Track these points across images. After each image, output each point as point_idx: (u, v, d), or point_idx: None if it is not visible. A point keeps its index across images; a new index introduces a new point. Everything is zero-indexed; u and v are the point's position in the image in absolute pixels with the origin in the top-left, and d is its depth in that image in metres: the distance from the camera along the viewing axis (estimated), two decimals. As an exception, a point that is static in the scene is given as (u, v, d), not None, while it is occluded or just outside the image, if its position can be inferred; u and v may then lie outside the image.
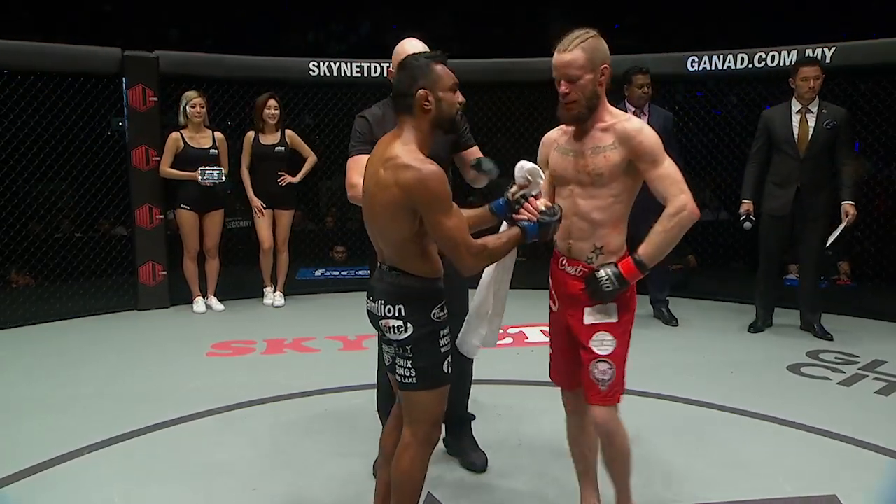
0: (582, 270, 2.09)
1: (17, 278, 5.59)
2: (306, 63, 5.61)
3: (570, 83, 1.99)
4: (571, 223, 2.08)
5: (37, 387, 3.63)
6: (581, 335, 2.09)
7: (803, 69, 4.25)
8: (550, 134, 2.25)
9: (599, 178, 2.04)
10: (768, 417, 3.17)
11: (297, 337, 4.51)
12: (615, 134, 2.03)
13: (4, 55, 4.71)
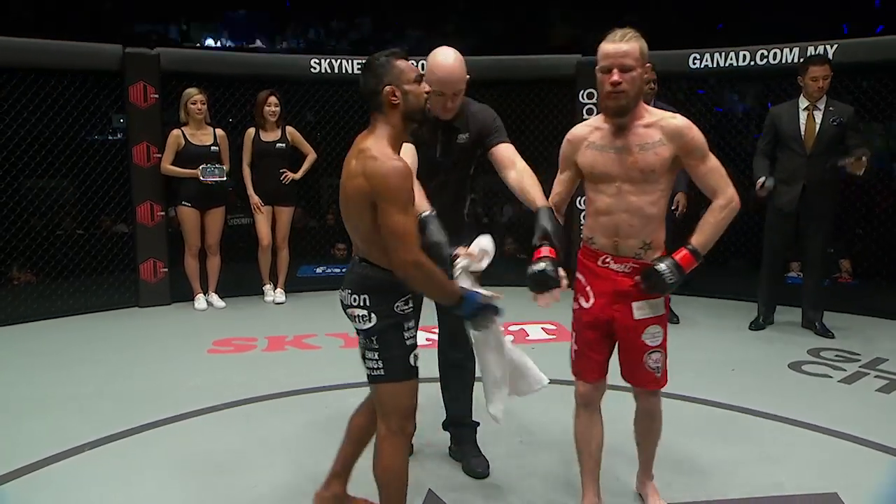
0: (631, 266, 2.14)
1: (19, 275, 5.59)
2: (307, 60, 5.61)
3: (624, 73, 2.03)
4: (620, 220, 2.12)
5: (37, 384, 3.63)
6: (631, 330, 2.17)
7: (813, 68, 4.22)
8: (577, 132, 2.25)
9: (652, 175, 2.09)
10: (769, 415, 3.17)
11: (298, 334, 4.51)
12: (662, 131, 2.09)
13: (6, 52, 4.70)
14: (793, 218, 4.37)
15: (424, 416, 2.99)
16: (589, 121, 2.27)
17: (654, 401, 2.32)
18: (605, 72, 2.06)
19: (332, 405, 3.29)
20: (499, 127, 2.54)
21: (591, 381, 2.28)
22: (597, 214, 2.18)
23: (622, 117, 2.10)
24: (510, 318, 4.71)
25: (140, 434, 3.00)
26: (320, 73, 5.60)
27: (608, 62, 2.05)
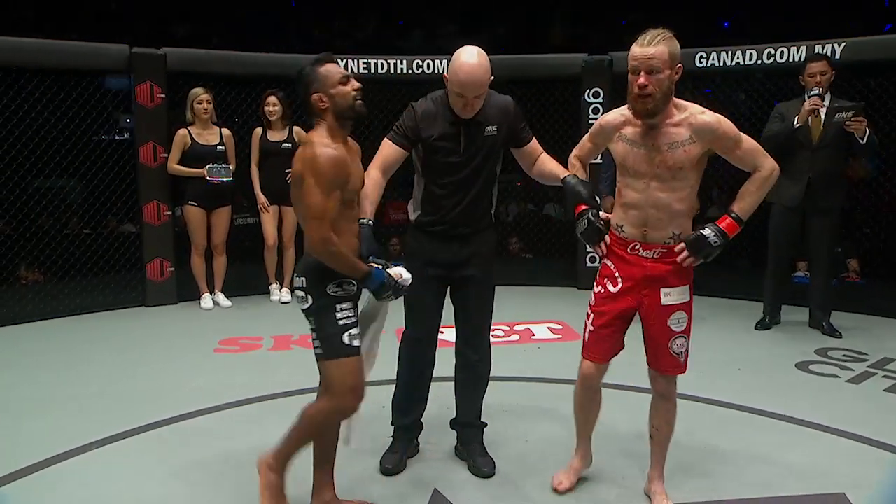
0: (660, 252, 2.22)
1: (27, 274, 5.62)
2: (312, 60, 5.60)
3: (650, 75, 2.09)
4: (648, 214, 2.21)
5: (43, 383, 3.65)
6: (658, 315, 2.25)
7: (810, 65, 4.26)
8: (612, 119, 2.30)
9: (680, 172, 2.17)
10: (777, 415, 3.16)
11: (304, 333, 4.47)
12: (691, 128, 2.16)
13: (13, 53, 4.72)
14: (798, 214, 4.35)
15: (433, 414, 3.00)
16: (621, 109, 2.29)
17: (672, 387, 2.37)
18: (634, 73, 2.12)
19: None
20: (525, 122, 2.56)
21: (599, 363, 2.37)
22: (626, 207, 2.26)
23: (651, 118, 2.15)
24: (517, 318, 4.75)
25: (146, 433, 3.01)
26: (326, 72, 5.59)
27: (635, 64, 2.11)
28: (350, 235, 2.18)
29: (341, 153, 2.08)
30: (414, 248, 2.60)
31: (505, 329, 4.61)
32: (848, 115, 4.04)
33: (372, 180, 2.43)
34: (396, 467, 2.65)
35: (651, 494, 2.46)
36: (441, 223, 2.51)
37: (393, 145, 2.47)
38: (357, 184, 2.19)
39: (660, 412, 2.42)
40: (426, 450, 2.84)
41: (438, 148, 2.45)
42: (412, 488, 2.56)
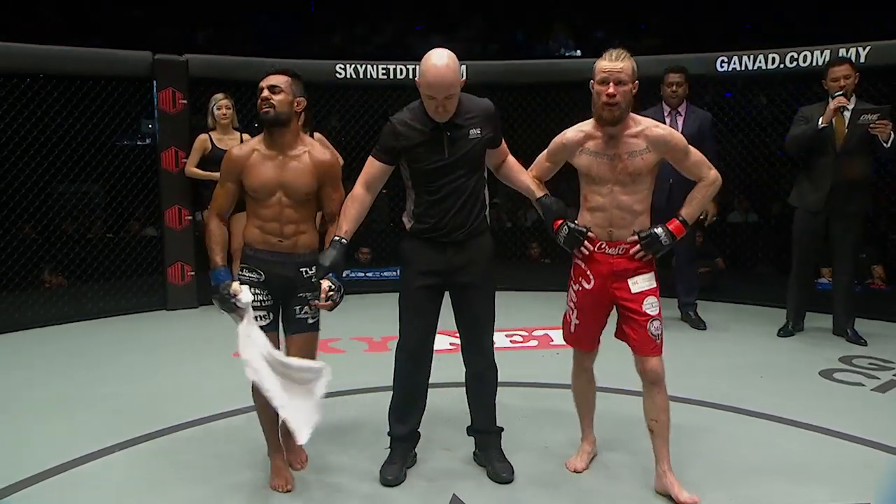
0: (624, 248, 2.49)
1: (50, 278, 5.70)
2: (333, 65, 5.65)
3: (618, 86, 2.37)
4: (613, 215, 2.49)
5: (65, 385, 3.69)
6: (631, 302, 2.48)
7: (833, 69, 4.18)
8: (573, 137, 2.55)
9: (639, 177, 2.46)
10: (801, 423, 3.11)
11: (322, 338, 4.50)
12: (647, 140, 2.45)
13: (38, 60, 4.81)
14: (821, 219, 4.29)
15: (450, 420, 3.00)
16: (580, 126, 2.55)
17: (661, 371, 2.49)
18: (603, 83, 2.39)
19: (357, 408, 3.30)
20: (499, 123, 2.58)
21: (590, 350, 2.69)
22: (592, 210, 2.53)
23: (614, 126, 2.43)
24: (536, 323, 4.73)
25: (165, 437, 3.03)
26: (346, 77, 5.64)
27: (605, 75, 2.38)
28: (251, 227, 2.51)
29: (239, 153, 2.50)
30: (408, 256, 2.57)
31: (524, 334, 4.59)
32: (873, 117, 3.97)
33: (352, 196, 2.51)
34: (397, 478, 2.62)
35: (668, 488, 2.48)
36: (436, 229, 2.49)
37: (375, 162, 2.50)
38: (256, 185, 2.46)
39: (654, 401, 2.51)
40: (445, 455, 2.83)
41: (422, 155, 2.44)
42: (431, 494, 2.55)
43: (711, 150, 4.65)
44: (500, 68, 5.87)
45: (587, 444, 2.77)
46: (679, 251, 4.75)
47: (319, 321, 2.60)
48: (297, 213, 2.50)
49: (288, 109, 2.46)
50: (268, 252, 2.50)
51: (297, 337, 2.56)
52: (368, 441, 2.91)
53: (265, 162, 2.47)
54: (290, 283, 2.52)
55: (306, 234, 2.53)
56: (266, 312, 2.52)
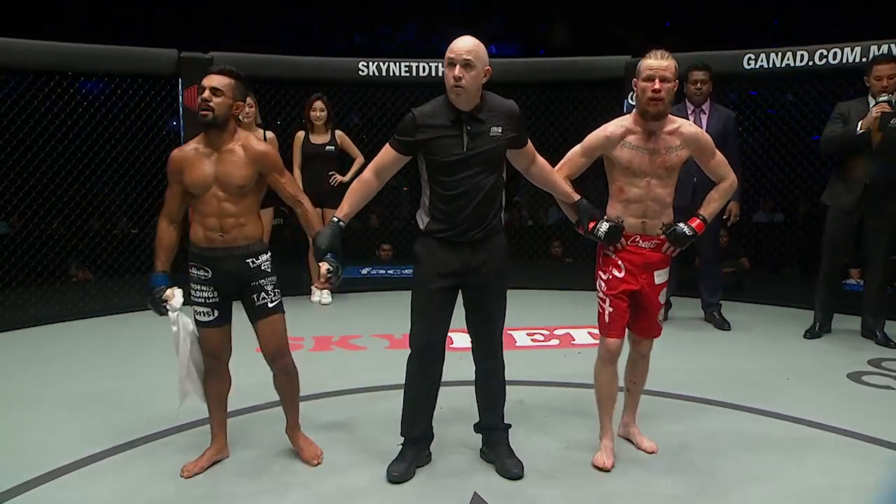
0: (655, 243, 2.68)
1: (78, 273, 5.78)
2: (356, 63, 5.65)
3: (663, 83, 2.53)
4: (647, 206, 2.65)
5: (90, 381, 3.74)
6: (653, 292, 2.73)
7: (877, 67, 4.05)
8: (615, 131, 2.66)
9: (673, 172, 2.65)
10: (828, 427, 3.06)
11: (344, 334, 4.55)
12: (681, 137, 2.63)
13: (64, 57, 4.86)
14: (854, 219, 4.20)
15: (460, 418, 2.99)
16: (619, 121, 2.68)
17: (650, 347, 2.86)
18: (648, 80, 2.54)
19: (378, 405, 3.30)
20: (524, 126, 2.57)
21: (621, 338, 2.74)
22: (628, 202, 2.66)
23: (658, 121, 2.59)
24: (557, 322, 4.70)
25: (185, 432, 3.04)
26: (368, 75, 5.64)
27: (651, 72, 2.54)
28: (195, 225, 2.56)
29: (178, 154, 2.55)
30: (423, 256, 2.54)
31: (545, 333, 4.57)
32: None
33: (360, 179, 2.54)
34: (403, 475, 2.61)
35: (631, 436, 2.91)
36: (451, 228, 2.47)
37: (391, 150, 2.50)
38: (193, 181, 2.50)
39: (638, 369, 2.88)
40: (457, 452, 2.83)
41: (440, 148, 2.42)
42: (451, 492, 2.54)
43: (734, 149, 4.59)
44: (522, 66, 5.85)
45: (608, 439, 2.79)
46: (703, 251, 4.69)
47: (282, 304, 2.68)
48: (235, 206, 2.53)
49: (226, 112, 2.50)
50: (211, 249, 2.55)
51: (263, 322, 2.65)
52: (385, 439, 2.90)
53: (202, 159, 2.53)
54: (238, 275, 2.59)
55: (247, 227, 2.57)
56: (210, 309, 2.61)
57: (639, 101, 2.59)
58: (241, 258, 2.58)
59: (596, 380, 2.80)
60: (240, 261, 2.58)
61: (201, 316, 2.62)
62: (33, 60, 4.75)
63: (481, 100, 2.44)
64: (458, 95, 2.38)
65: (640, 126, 2.61)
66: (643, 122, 2.60)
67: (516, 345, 4.35)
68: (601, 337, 2.75)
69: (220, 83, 2.50)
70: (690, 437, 2.96)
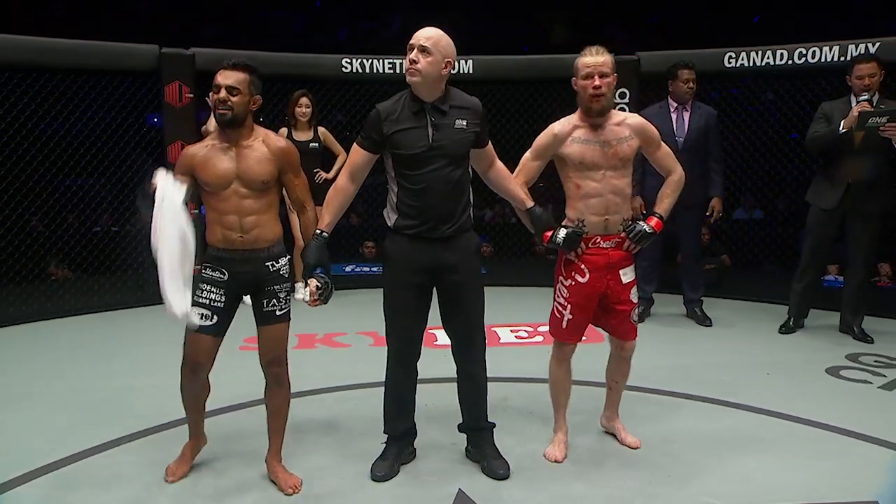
0: (616, 241, 2.66)
1: (56, 271, 5.71)
2: (339, 59, 5.63)
3: (602, 78, 2.55)
4: (608, 200, 2.63)
5: (70, 379, 3.71)
6: (622, 292, 2.70)
7: (858, 66, 4.09)
8: (562, 129, 2.67)
9: (627, 162, 2.65)
10: (806, 421, 3.10)
11: (328, 332, 4.53)
12: (630, 128, 2.65)
13: (43, 53, 4.79)
14: (837, 217, 4.26)
15: (446, 416, 2.99)
16: (566, 119, 2.69)
17: (632, 350, 2.84)
18: (587, 78, 2.56)
19: (362, 402, 3.30)
20: (487, 125, 2.58)
21: (578, 341, 2.76)
22: (587, 198, 2.64)
23: (601, 116, 2.61)
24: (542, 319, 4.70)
25: (172, 429, 3.02)
26: (352, 72, 5.62)
27: (590, 69, 2.56)
28: (212, 226, 2.48)
29: (191, 151, 2.47)
30: (392, 253, 2.53)
31: (529, 330, 4.58)
32: (882, 120, 3.85)
33: (335, 188, 2.52)
34: (388, 474, 2.62)
35: (615, 430, 2.93)
36: (420, 224, 2.45)
37: (360, 150, 2.49)
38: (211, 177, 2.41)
39: (620, 370, 2.89)
40: (444, 448, 2.84)
41: (405, 140, 2.41)
42: (436, 489, 2.55)
43: (716, 146, 4.64)
44: (507, 63, 5.85)
45: (562, 433, 2.85)
46: (685, 248, 4.74)
47: (290, 311, 2.59)
48: (256, 203, 2.44)
49: (245, 111, 2.43)
50: (230, 251, 2.46)
51: (267, 329, 2.54)
52: (369, 437, 2.90)
53: (219, 154, 2.44)
54: (255, 279, 2.49)
55: (268, 226, 2.48)
56: (211, 313, 2.48)
57: (581, 100, 2.61)
58: (261, 261, 2.48)
59: (550, 377, 2.85)
60: (259, 264, 2.48)
61: (198, 318, 2.45)
62: (11, 56, 4.67)
63: (445, 92, 2.45)
64: (412, 77, 2.39)
65: (586, 122, 2.63)
66: (589, 118, 2.62)
67: (500, 342, 4.36)
68: (555, 340, 2.78)
69: (235, 80, 2.41)
70: (671, 432, 2.99)
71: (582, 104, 2.62)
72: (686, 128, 4.52)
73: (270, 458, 2.62)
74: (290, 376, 2.68)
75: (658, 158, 2.75)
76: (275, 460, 2.61)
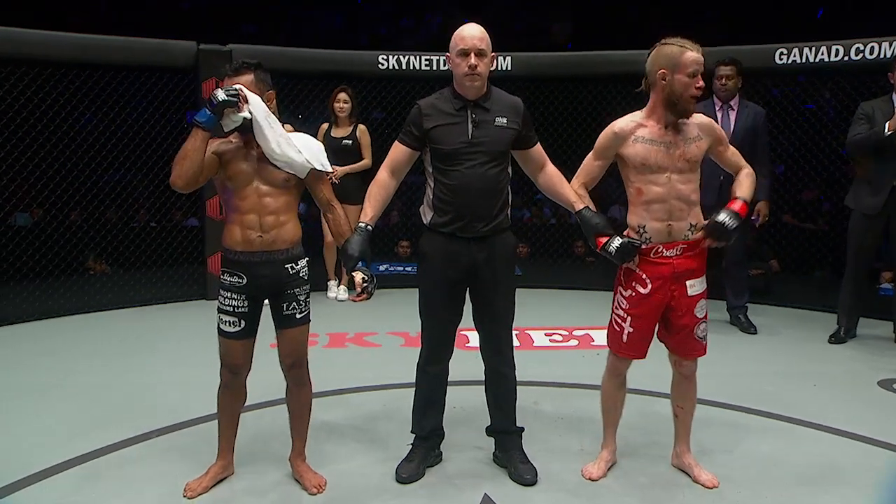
0: (681, 248, 2.49)
1: (94, 265, 5.87)
2: (375, 56, 5.66)
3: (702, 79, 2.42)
4: (671, 206, 2.46)
5: (102, 373, 3.80)
6: (686, 305, 2.52)
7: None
8: (625, 126, 2.51)
9: (695, 165, 2.49)
10: (856, 436, 2.99)
11: (359, 331, 4.56)
12: (698, 127, 2.50)
13: (85, 50, 4.92)
14: (880, 223, 4.11)
15: (474, 419, 2.97)
16: (629, 117, 2.53)
17: (695, 368, 2.64)
18: (694, 76, 2.39)
19: (390, 403, 3.30)
20: (531, 126, 2.56)
21: (640, 358, 2.59)
22: (649, 203, 2.48)
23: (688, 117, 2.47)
24: (577, 323, 4.67)
25: (198, 426, 3.07)
26: (389, 69, 5.64)
27: (698, 67, 2.39)
28: (230, 226, 2.46)
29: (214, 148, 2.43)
30: (428, 251, 2.53)
31: (564, 334, 4.53)
32: None
33: (376, 181, 2.52)
34: (412, 476, 2.61)
35: (686, 467, 2.66)
36: (456, 221, 2.45)
37: (400, 146, 2.51)
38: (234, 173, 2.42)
39: (684, 392, 2.66)
40: (466, 454, 2.82)
41: (445, 136, 2.42)
42: (461, 493, 2.54)
43: (765, 147, 4.51)
44: (547, 60, 5.80)
45: (607, 452, 2.73)
46: (729, 252, 4.62)
47: (309, 314, 2.57)
48: (276, 201, 2.43)
49: None
50: (249, 253, 2.43)
51: (287, 332, 2.53)
52: (396, 438, 2.90)
53: (241, 151, 2.44)
54: (275, 282, 2.47)
55: (288, 226, 2.46)
56: (237, 319, 2.48)
57: (676, 98, 2.40)
58: (280, 263, 2.46)
59: (602, 390, 2.73)
60: (278, 266, 2.46)
61: (226, 325, 2.49)
62: (52, 52, 4.82)
63: (487, 90, 2.46)
64: (473, 83, 2.40)
65: (654, 119, 2.47)
66: (663, 116, 2.45)
67: (534, 344, 4.33)
68: (612, 352, 2.65)
69: (244, 83, 2.40)
70: (712, 444, 2.91)
71: (677, 103, 2.40)
72: (732, 127, 4.42)
73: (294, 457, 2.64)
74: (317, 376, 2.70)
75: (728, 158, 2.60)
76: (299, 459, 2.63)
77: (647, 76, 2.47)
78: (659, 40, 2.48)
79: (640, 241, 2.48)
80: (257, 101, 2.38)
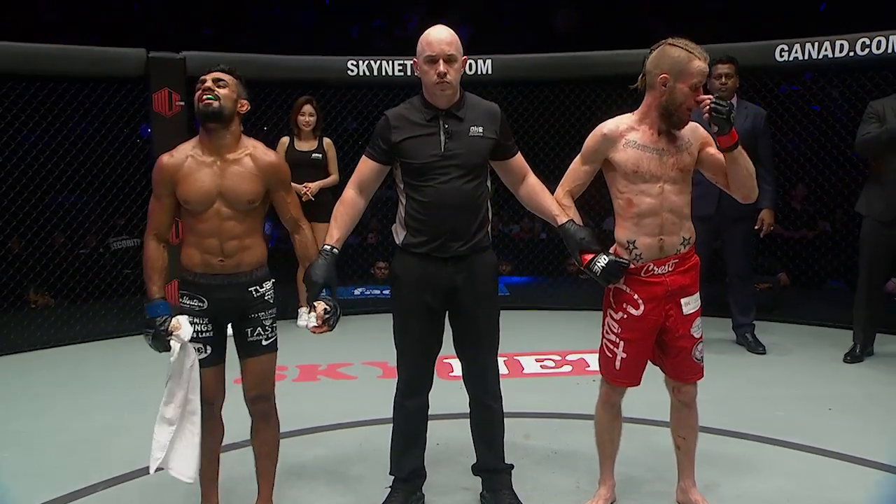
0: (673, 263, 2.48)
1: (36, 297, 5.80)
2: (344, 62, 5.67)
3: None
4: (664, 219, 2.45)
5: (49, 417, 3.75)
6: (681, 325, 2.52)
7: None
8: (614, 128, 2.49)
9: (687, 175, 2.47)
10: (877, 464, 3.02)
11: (332, 363, 4.54)
12: (687, 133, 2.47)
13: (20, 59, 4.88)
14: (893, 229, 4.18)
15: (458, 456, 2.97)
16: (619, 119, 2.51)
17: (694, 393, 2.64)
18: (696, 88, 2.36)
19: (367, 441, 3.29)
20: (512, 134, 2.58)
21: (635, 385, 2.59)
22: (640, 217, 2.45)
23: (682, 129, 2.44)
24: (570, 346, 4.68)
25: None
26: (359, 75, 5.66)
27: (701, 79, 2.35)
28: (189, 247, 2.46)
29: (170, 160, 2.41)
30: (401, 274, 2.53)
31: (556, 359, 4.54)
32: None
33: (343, 201, 2.51)
34: None
35: (691, 501, 2.67)
36: (431, 241, 2.45)
37: (368, 160, 2.51)
38: (192, 195, 2.38)
39: (685, 421, 2.66)
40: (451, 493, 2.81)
41: (415, 149, 2.42)
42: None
43: (767, 149, 4.57)
44: (530, 62, 5.85)
45: (605, 489, 2.73)
46: (732, 265, 4.65)
47: (276, 341, 2.56)
48: (240, 225, 2.43)
49: (232, 107, 2.40)
50: (209, 276, 2.43)
51: (252, 361, 2.52)
52: (373, 481, 2.89)
53: (201, 169, 2.40)
54: (238, 306, 2.48)
55: (251, 249, 2.47)
56: (203, 346, 2.47)
57: (675, 107, 2.37)
58: (243, 286, 2.46)
59: (596, 421, 2.72)
60: (242, 289, 2.46)
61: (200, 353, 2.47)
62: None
63: (460, 97, 2.47)
64: (443, 91, 2.41)
65: (647, 124, 2.45)
66: (656, 121, 2.43)
67: (523, 372, 4.33)
68: (604, 380, 2.65)
69: (223, 76, 2.43)
70: (719, 478, 2.92)
71: (673, 114, 2.39)
72: (730, 129, 4.47)
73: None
74: (285, 412, 2.68)
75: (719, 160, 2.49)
76: None
77: (646, 76, 2.45)
78: (657, 38, 2.45)
79: (628, 259, 2.46)
80: (188, 331, 2.41)
